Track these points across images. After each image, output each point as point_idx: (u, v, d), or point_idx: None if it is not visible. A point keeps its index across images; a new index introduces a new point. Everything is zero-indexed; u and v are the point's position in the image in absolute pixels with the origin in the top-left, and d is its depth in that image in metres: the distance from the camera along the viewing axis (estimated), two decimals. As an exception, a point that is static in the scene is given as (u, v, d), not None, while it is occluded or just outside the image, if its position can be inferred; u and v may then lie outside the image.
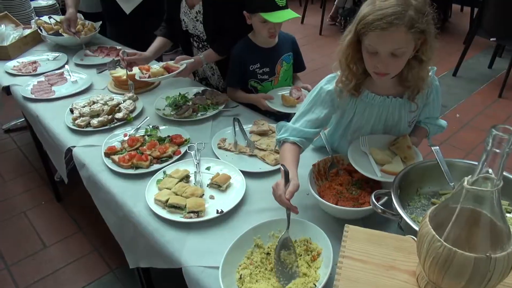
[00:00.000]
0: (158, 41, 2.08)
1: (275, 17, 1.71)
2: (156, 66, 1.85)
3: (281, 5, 1.72)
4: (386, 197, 1.14)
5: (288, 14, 1.74)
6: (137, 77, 1.87)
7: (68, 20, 2.42)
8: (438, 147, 1.22)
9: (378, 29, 1.10)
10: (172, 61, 1.88)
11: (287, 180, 1.16)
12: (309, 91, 1.81)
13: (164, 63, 1.86)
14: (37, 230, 2.50)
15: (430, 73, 1.31)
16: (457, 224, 0.64)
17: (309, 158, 1.56)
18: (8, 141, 3.38)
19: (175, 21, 2.04)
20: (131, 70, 1.97)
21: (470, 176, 0.63)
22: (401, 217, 1.00)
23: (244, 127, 1.75)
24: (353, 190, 1.30)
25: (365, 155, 1.35)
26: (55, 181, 2.71)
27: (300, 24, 5.93)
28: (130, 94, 1.96)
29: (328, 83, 1.36)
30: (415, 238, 0.76)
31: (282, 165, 1.19)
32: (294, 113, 1.68)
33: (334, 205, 1.20)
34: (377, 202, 1.09)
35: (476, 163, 0.65)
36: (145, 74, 1.83)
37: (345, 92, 1.30)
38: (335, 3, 5.95)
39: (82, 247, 2.38)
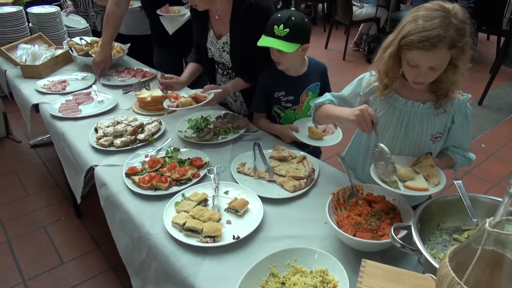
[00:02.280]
0: (190, 67, 2.14)
1: (262, 41, 1.74)
2: (184, 95, 1.88)
3: (276, 34, 1.71)
4: (406, 231, 1.12)
5: (273, 42, 1.71)
6: (165, 105, 1.91)
7: (104, 62, 2.47)
8: (461, 182, 1.19)
9: (422, 49, 1.18)
10: (200, 90, 1.91)
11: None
12: (335, 124, 1.84)
13: (193, 92, 1.89)
14: (55, 246, 2.53)
15: (462, 97, 1.40)
16: (478, 266, 0.62)
17: (329, 186, 1.55)
18: (34, 156, 3.48)
19: (202, 48, 2.10)
20: (166, 93, 2.00)
21: (492, 218, 0.62)
22: (421, 253, 0.98)
23: (264, 152, 1.75)
24: (372, 221, 1.28)
25: None
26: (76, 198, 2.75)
27: (324, 49, 5.98)
28: (155, 118, 2.01)
29: (364, 75, 1.53)
30: (435, 277, 0.74)
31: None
32: (319, 146, 1.88)
33: (352, 237, 1.18)
34: (397, 235, 1.06)
35: (500, 199, 0.63)
36: (173, 102, 1.87)
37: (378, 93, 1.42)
38: (359, 29, 5.99)
39: (98, 264, 2.39)
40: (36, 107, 2.29)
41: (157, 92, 2.14)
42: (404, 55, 1.27)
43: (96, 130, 1.93)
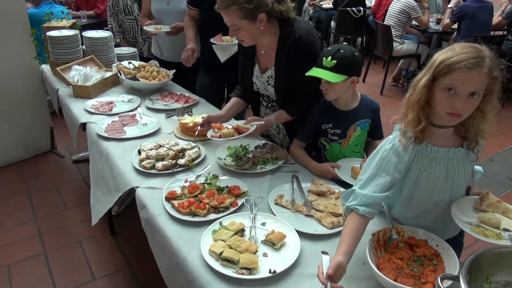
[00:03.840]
0: (232, 102, 2.19)
1: (311, 71, 1.80)
2: (228, 126, 1.92)
3: (324, 65, 1.77)
4: (451, 281, 1.07)
5: (320, 72, 1.77)
6: (208, 135, 1.95)
7: (193, 50, 2.66)
8: (512, 233, 1.14)
9: (465, 68, 1.17)
10: (243, 122, 1.94)
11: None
12: None
13: (236, 123, 1.93)
14: (88, 261, 2.58)
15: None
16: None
17: (370, 224, 1.51)
18: (75, 171, 3.61)
19: (247, 82, 2.15)
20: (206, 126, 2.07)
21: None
22: (470, 307, 0.93)
23: (302, 185, 1.75)
24: (414, 266, 1.24)
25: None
26: (111, 215, 2.82)
27: (361, 83, 5.97)
28: (194, 144, 2.04)
29: (389, 142, 1.37)
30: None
31: (322, 252, 1.19)
32: None
33: (394, 282, 1.14)
34: (442, 285, 1.02)
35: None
36: (217, 132, 1.91)
37: (411, 135, 1.31)
38: (398, 64, 5.96)
39: (128, 284, 2.41)
40: (83, 125, 2.39)
41: (199, 119, 2.19)
42: (439, 84, 1.22)
43: (139, 152, 1.99)
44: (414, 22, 5.51)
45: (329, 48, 1.80)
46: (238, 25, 1.80)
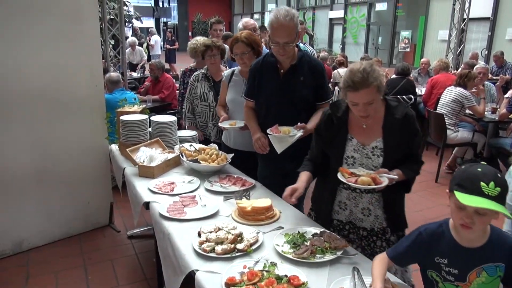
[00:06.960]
0: (306, 175, 2.26)
1: (471, 200, 1.35)
2: (364, 173, 2.02)
3: (486, 193, 1.34)
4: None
5: (489, 204, 1.33)
6: (344, 180, 2.03)
7: (264, 137, 2.75)
8: None
9: None
10: (371, 172, 2.03)
11: None
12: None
13: (372, 173, 2.02)
14: None
15: None
16: None
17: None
18: (129, 247, 3.69)
19: (336, 159, 2.19)
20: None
21: None
22: None
23: (364, 278, 1.69)
24: None
25: None
26: (162, 296, 2.80)
27: (414, 169, 5.85)
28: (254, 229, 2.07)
29: None
30: None
31: None
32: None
33: None
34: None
35: None
36: (348, 178, 2.01)
37: None
38: (453, 152, 5.84)
39: None
40: (146, 204, 2.50)
41: (258, 203, 2.24)
42: None
43: (199, 234, 2.03)
44: (468, 111, 5.49)
45: (480, 170, 1.40)
46: (374, 99, 1.96)
